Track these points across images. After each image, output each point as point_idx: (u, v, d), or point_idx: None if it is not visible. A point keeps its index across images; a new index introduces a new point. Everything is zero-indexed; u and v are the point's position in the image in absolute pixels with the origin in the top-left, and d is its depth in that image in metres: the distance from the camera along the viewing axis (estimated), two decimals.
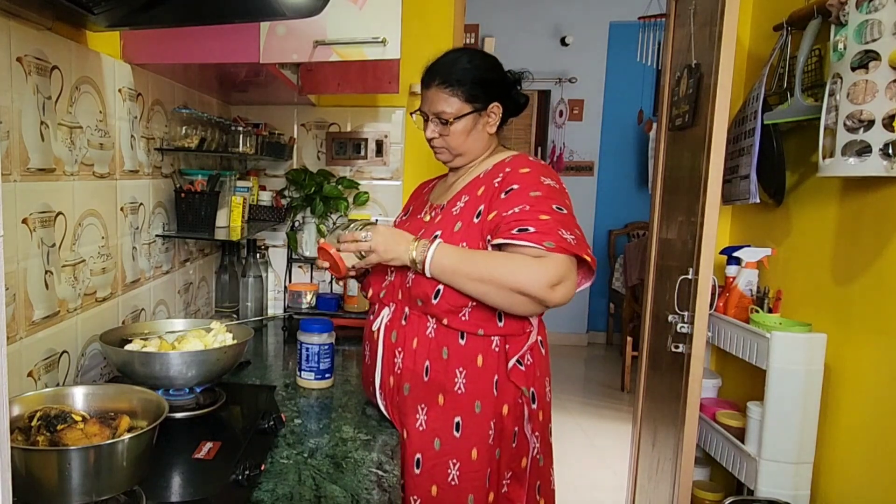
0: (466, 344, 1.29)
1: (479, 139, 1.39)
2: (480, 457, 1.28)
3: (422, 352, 1.30)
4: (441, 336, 1.30)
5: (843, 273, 1.78)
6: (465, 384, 1.28)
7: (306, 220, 2.30)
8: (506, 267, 1.21)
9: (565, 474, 3.15)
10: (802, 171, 1.98)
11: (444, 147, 1.39)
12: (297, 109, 2.36)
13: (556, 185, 1.30)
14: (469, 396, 1.28)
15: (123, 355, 1.23)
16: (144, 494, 0.92)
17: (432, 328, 1.30)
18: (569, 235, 1.23)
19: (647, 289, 2.50)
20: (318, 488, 1.06)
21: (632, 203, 5.31)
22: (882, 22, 1.48)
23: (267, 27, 1.45)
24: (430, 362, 1.30)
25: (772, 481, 1.83)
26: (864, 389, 1.69)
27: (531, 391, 1.34)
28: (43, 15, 1.12)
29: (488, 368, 1.29)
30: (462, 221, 1.30)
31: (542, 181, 1.28)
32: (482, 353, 1.29)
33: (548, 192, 1.27)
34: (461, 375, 1.28)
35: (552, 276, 1.19)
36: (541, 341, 1.38)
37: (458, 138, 1.37)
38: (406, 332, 1.33)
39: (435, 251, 1.24)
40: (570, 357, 5.21)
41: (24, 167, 1.10)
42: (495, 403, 1.29)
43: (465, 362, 1.28)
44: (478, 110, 1.36)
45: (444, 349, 1.29)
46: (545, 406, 1.38)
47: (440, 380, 1.29)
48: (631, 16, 4.33)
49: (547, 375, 1.40)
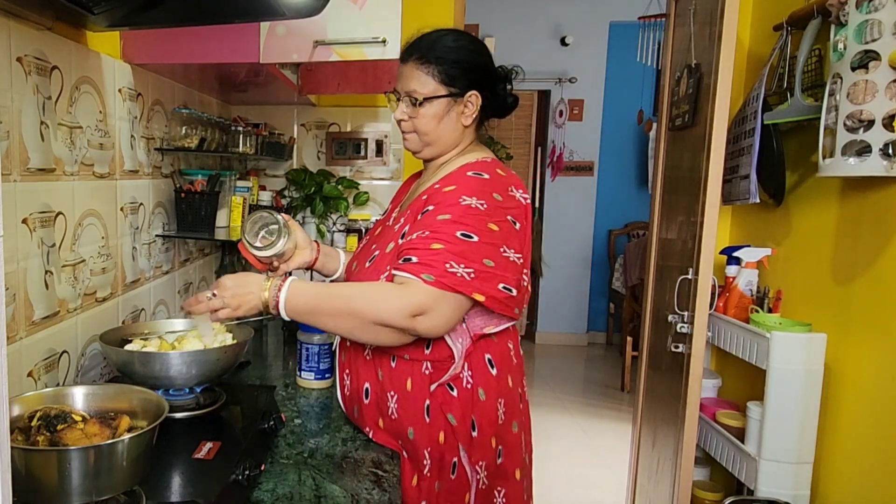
0: (396, 367, 1.22)
1: (451, 129, 1.27)
2: (420, 484, 1.21)
3: (363, 374, 1.26)
4: (377, 358, 1.24)
5: (843, 273, 1.78)
6: (396, 409, 1.21)
7: (306, 220, 2.30)
8: (363, 298, 1.12)
9: (565, 474, 3.15)
10: (802, 171, 1.98)
11: (413, 131, 1.27)
12: (297, 109, 2.36)
13: (481, 204, 1.15)
14: (401, 422, 1.21)
15: (123, 355, 1.23)
16: (144, 494, 0.92)
17: (369, 350, 1.25)
18: (460, 268, 1.10)
19: (647, 289, 2.50)
20: (318, 488, 1.06)
21: (632, 203, 5.31)
22: (882, 22, 1.48)
23: (267, 27, 1.45)
24: (370, 384, 1.25)
25: (772, 481, 1.83)
26: (864, 389, 1.69)
27: (471, 419, 1.21)
28: (43, 15, 1.12)
29: (418, 393, 1.20)
30: (394, 242, 1.22)
31: (460, 202, 1.15)
32: (411, 376, 1.21)
33: (460, 216, 1.13)
34: (392, 400, 1.22)
35: (412, 305, 1.08)
36: (490, 360, 1.24)
37: (428, 123, 1.25)
38: (350, 354, 1.30)
39: (287, 292, 1.14)
40: (570, 357, 5.21)
41: (24, 167, 1.10)
42: (429, 430, 1.20)
43: (396, 386, 1.21)
44: (453, 95, 1.24)
45: (379, 371, 1.24)
46: (498, 432, 1.24)
47: (377, 402, 1.24)
48: (631, 16, 4.33)
49: (501, 397, 1.24)
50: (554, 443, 3.50)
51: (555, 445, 3.47)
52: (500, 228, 1.16)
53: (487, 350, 1.24)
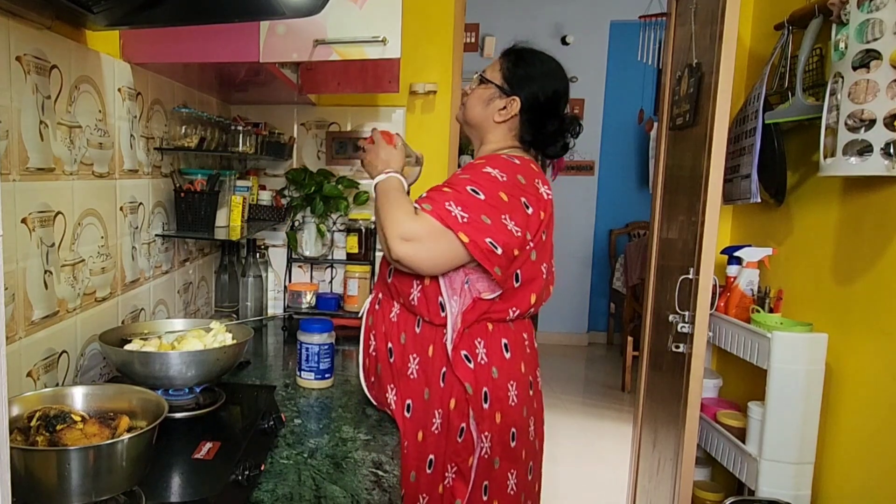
0: (421, 332, 1.34)
1: (485, 118, 1.42)
2: (425, 440, 1.32)
3: (387, 335, 1.37)
4: (401, 321, 1.36)
5: (844, 273, 1.78)
6: (416, 370, 1.34)
7: (306, 220, 2.29)
8: (390, 205, 1.28)
9: (565, 474, 3.15)
10: (803, 170, 1.98)
11: (463, 105, 1.46)
12: (297, 109, 2.36)
13: (501, 175, 1.29)
14: (419, 383, 1.34)
15: (123, 355, 1.23)
16: (144, 494, 0.91)
17: (395, 312, 1.38)
18: (457, 210, 1.23)
19: (647, 288, 2.50)
20: (318, 488, 1.06)
21: (632, 203, 5.31)
22: (883, 21, 1.48)
23: (267, 26, 1.45)
24: (393, 345, 1.37)
25: (773, 481, 1.83)
26: (865, 389, 1.68)
27: (484, 390, 1.31)
28: (42, 14, 1.12)
29: (437, 359, 1.33)
30: None
31: (482, 170, 1.30)
32: (433, 343, 1.33)
33: (477, 177, 1.28)
34: (414, 362, 1.34)
35: (406, 230, 1.23)
36: (506, 344, 1.35)
37: (474, 102, 1.43)
38: (377, 316, 1.41)
39: (387, 177, 1.36)
40: (570, 357, 5.21)
41: (23, 167, 1.10)
42: (442, 395, 1.32)
43: (419, 350, 1.34)
44: (501, 90, 1.39)
45: (403, 334, 1.36)
46: (507, 410, 1.33)
47: (398, 363, 1.36)
48: (632, 15, 4.32)
49: (512, 380, 1.35)
50: (554, 443, 3.49)
51: (555, 445, 3.46)
52: (510, 201, 1.27)
53: (504, 335, 1.35)
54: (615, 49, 5.18)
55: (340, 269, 2.35)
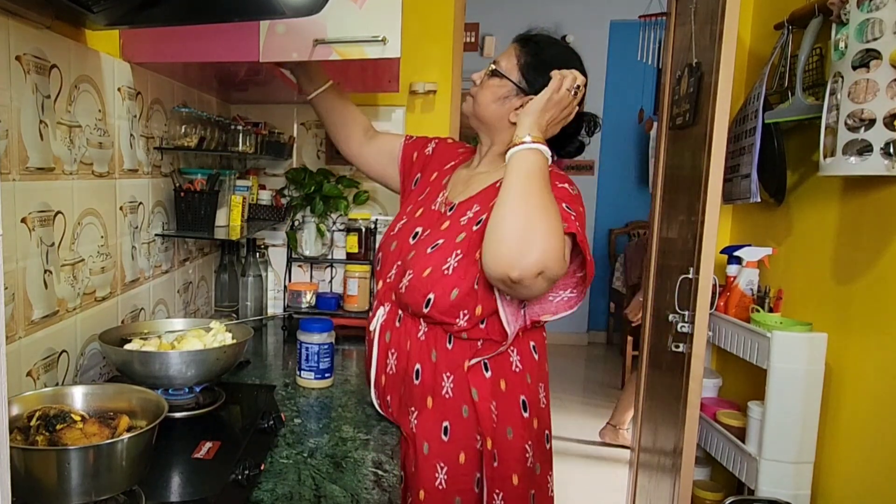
0: (454, 349, 1.25)
1: (498, 117, 1.30)
2: (468, 460, 1.24)
3: (414, 355, 1.28)
4: (431, 339, 1.26)
5: (844, 272, 1.78)
6: (452, 388, 1.25)
7: (306, 220, 2.29)
8: (548, 214, 1.09)
9: (565, 474, 3.15)
10: (803, 170, 1.98)
11: (472, 97, 1.32)
12: (297, 108, 2.36)
13: (571, 189, 1.24)
14: (456, 401, 1.25)
15: (123, 355, 1.23)
16: (144, 494, 0.91)
17: (423, 331, 1.27)
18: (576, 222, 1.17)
19: (647, 288, 2.50)
20: (318, 488, 1.06)
21: (632, 202, 5.31)
22: (883, 21, 1.48)
23: (266, 26, 1.44)
24: (421, 365, 1.27)
25: (772, 481, 1.83)
26: (865, 389, 1.68)
27: (521, 399, 1.28)
28: (42, 13, 1.12)
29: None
30: (465, 232, 1.25)
31: (556, 184, 1.21)
32: (468, 359, 1.25)
33: (559, 194, 1.19)
34: (448, 380, 1.25)
35: (555, 270, 1.09)
36: (534, 346, 1.32)
37: (486, 96, 1.29)
38: (399, 334, 1.30)
39: (526, 149, 1.16)
40: (570, 357, 5.21)
41: (23, 166, 1.09)
42: (480, 408, 1.25)
43: (453, 367, 1.25)
44: (519, 87, 1.27)
45: (433, 352, 1.26)
46: (539, 413, 1.31)
47: (429, 383, 1.26)
48: (631, 14, 4.32)
49: (541, 381, 1.33)
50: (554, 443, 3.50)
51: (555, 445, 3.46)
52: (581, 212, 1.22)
53: (532, 337, 1.32)
54: (615, 49, 5.18)
55: (340, 268, 2.35)
